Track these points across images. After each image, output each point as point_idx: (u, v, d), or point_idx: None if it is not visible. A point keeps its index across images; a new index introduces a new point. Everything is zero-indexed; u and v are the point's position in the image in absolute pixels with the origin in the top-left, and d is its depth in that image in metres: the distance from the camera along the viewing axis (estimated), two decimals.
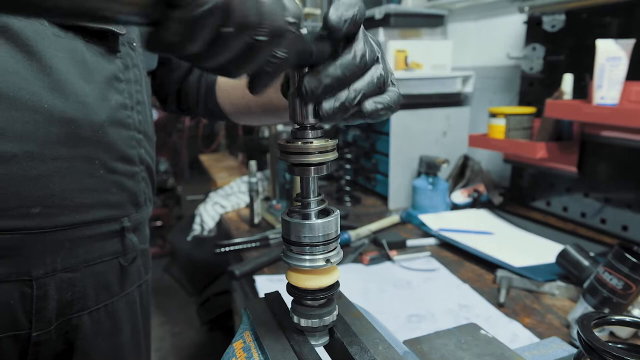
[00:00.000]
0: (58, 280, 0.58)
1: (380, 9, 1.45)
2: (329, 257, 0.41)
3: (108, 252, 0.64)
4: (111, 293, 0.65)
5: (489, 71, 1.58)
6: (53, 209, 0.55)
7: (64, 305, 0.59)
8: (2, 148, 0.50)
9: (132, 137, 0.63)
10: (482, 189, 1.43)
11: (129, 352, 0.69)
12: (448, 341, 0.55)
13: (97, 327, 0.63)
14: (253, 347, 0.43)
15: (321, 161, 0.39)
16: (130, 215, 0.65)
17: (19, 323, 0.55)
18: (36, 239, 0.54)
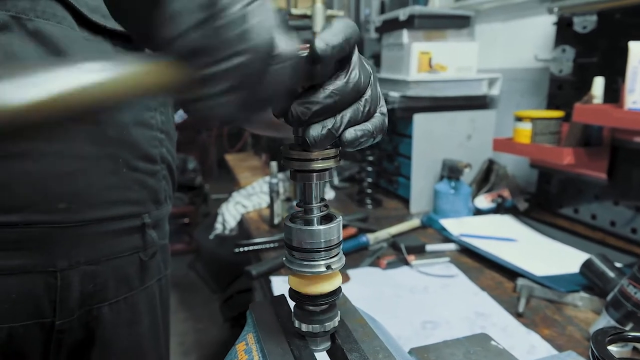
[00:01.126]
0: (81, 272, 0.60)
1: (404, 10, 1.43)
2: (330, 263, 0.41)
3: (129, 247, 0.66)
4: (131, 286, 0.67)
5: (517, 73, 1.54)
6: (78, 205, 0.57)
7: (85, 297, 0.62)
8: (32, 146, 0.52)
9: (154, 137, 0.65)
10: (507, 195, 1.40)
11: (148, 344, 0.72)
12: (456, 351, 0.54)
13: (116, 318, 0.66)
14: (254, 349, 0.43)
15: (323, 168, 0.39)
16: (150, 212, 0.67)
17: (44, 312, 0.58)
18: (61, 233, 0.57)
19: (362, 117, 0.37)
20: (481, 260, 1.11)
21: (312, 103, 0.34)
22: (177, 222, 4.04)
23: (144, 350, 0.71)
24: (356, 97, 0.36)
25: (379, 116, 0.39)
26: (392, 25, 1.53)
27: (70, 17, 0.54)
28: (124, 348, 0.67)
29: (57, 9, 0.53)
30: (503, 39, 1.60)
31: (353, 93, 0.35)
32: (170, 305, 2.17)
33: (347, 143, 0.37)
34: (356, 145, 0.37)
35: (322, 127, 0.35)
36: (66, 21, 0.54)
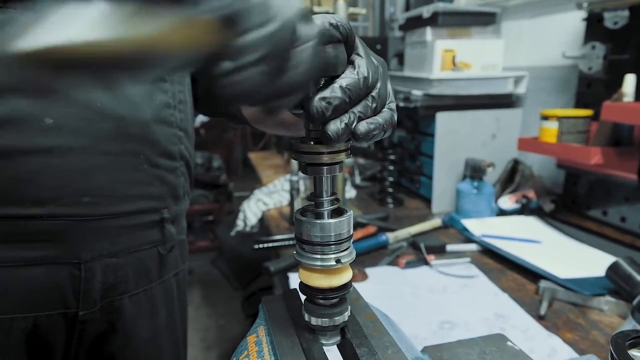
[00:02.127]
0: (103, 264, 0.62)
1: (428, 7, 1.41)
2: (340, 257, 0.41)
3: (148, 240, 0.67)
4: (150, 279, 0.69)
5: (544, 71, 1.50)
6: (101, 199, 0.59)
7: (107, 288, 0.63)
8: (60, 142, 0.54)
9: (174, 134, 0.67)
10: (532, 195, 1.36)
11: (165, 335, 0.73)
12: (471, 351, 0.53)
13: (136, 310, 0.68)
14: (265, 342, 0.44)
15: (333, 161, 0.39)
16: (169, 207, 0.69)
17: (68, 302, 0.60)
18: (85, 226, 0.59)
19: (371, 111, 0.37)
20: (503, 262, 1.09)
21: (333, 98, 0.34)
22: (202, 220, 4.11)
23: (162, 341, 0.72)
24: (367, 92, 0.37)
25: (387, 111, 0.39)
26: (415, 23, 1.52)
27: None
28: (143, 339, 0.69)
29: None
30: (530, 36, 1.56)
31: (364, 88, 0.36)
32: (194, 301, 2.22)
33: (360, 136, 0.37)
34: (368, 138, 0.38)
35: (340, 122, 0.36)
36: None
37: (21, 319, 0.56)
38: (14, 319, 0.56)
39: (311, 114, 0.35)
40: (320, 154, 0.39)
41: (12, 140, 0.51)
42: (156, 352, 0.72)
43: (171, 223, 0.69)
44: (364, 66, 0.36)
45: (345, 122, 0.36)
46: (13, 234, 0.54)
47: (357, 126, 0.37)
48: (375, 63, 0.37)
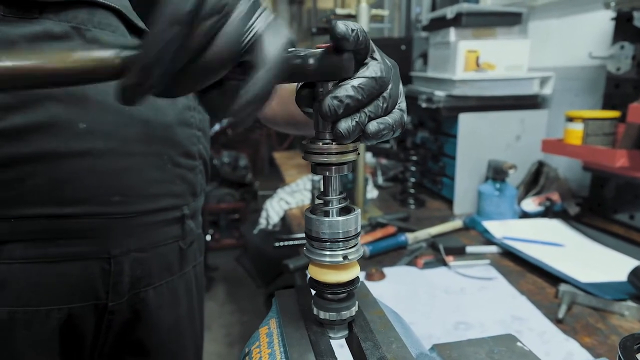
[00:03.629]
0: (131, 259, 0.66)
1: (452, 8, 1.41)
2: (347, 253, 0.43)
3: (171, 236, 0.71)
4: (171, 272, 0.72)
5: (571, 72, 1.47)
6: (129, 198, 0.63)
7: (134, 281, 0.67)
8: (92, 145, 0.58)
9: (193, 135, 0.70)
10: (556, 198, 1.34)
11: (185, 323, 0.77)
12: (480, 349, 0.54)
13: (159, 301, 0.71)
14: (275, 333, 0.46)
15: (341, 161, 0.41)
16: (189, 204, 0.72)
17: (98, 294, 0.64)
18: (115, 223, 0.62)
19: (382, 111, 0.38)
20: (523, 264, 1.08)
21: (345, 97, 0.36)
22: (228, 218, 4.18)
23: (182, 329, 0.76)
24: (380, 91, 0.38)
25: (397, 112, 0.40)
26: (439, 24, 1.51)
27: (122, 26, 0.59)
28: (165, 327, 0.72)
29: (111, 20, 0.58)
30: (558, 36, 1.54)
31: (377, 87, 0.37)
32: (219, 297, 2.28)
33: (370, 135, 0.38)
34: (378, 137, 0.39)
35: (351, 120, 0.37)
36: (119, 30, 0.59)
37: (57, 310, 0.60)
38: (50, 310, 0.60)
39: (323, 112, 0.37)
40: (328, 154, 0.40)
41: (50, 144, 0.55)
42: (178, 340, 0.75)
43: (190, 219, 0.73)
44: (377, 67, 0.37)
45: (356, 121, 0.37)
46: (52, 232, 0.58)
47: (367, 125, 0.38)
48: (388, 64, 0.39)
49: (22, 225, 0.56)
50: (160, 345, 0.72)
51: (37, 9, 0.52)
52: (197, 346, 0.82)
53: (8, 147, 0.53)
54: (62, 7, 0.53)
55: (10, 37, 0.51)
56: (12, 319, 0.57)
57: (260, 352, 0.44)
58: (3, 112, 0.52)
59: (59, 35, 0.53)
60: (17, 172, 0.54)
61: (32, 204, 0.55)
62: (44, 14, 0.52)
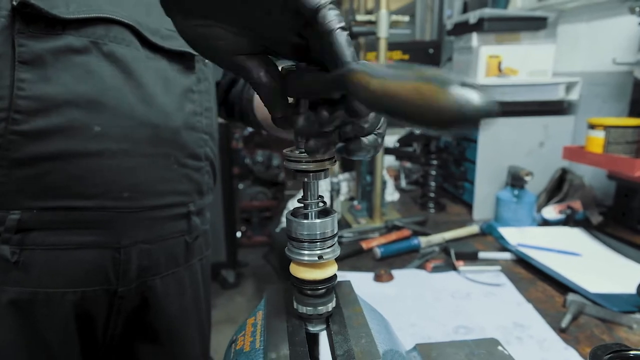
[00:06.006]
0: (139, 249, 0.72)
1: (474, 13, 1.41)
2: (323, 253, 0.46)
3: (177, 230, 0.77)
4: (177, 263, 0.78)
5: (600, 77, 1.44)
6: (138, 194, 0.69)
7: (142, 270, 0.73)
8: (106, 146, 0.64)
9: (200, 138, 0.75)
10: (578, 206, 1.32)
11: (191, 312, 0.83)
12: (460, 351, 0.56)
13: (166, 289, 0.77)
14: (259, 324, 0.50)
15: (318, 169, 0.44)
16: (195, 202, 0.78)
17: (109, 280, 0.70)
18: (125, 217, 0.69)
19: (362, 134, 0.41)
20: (535, 272, 1.08)
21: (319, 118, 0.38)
22: (260, 216, 4.28)
23: (188, 317, 0.82)
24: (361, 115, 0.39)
25: (373, 136, 0.42)
26: (462, 29, 1.52)
27: (135, 40, 0.65)
28: (172, 314, 0.78)
29: (125, 34, 0.64)
30: (586, 41, 1.50)
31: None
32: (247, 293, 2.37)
33: (349, 152, 0.41)
34: (354, 156, 0.42)
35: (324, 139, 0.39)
36: (133, 44, 0.65)
37: (72, 292, 0.67)
38: (66, 292, 0.67)
39: (296, 131, 0.40)
40: (306, 162, 0.44)
41: (68, 145, 0.62)
42: (184, 328, 0.81)
43: (196, 215, 0.78)
44: None
45: (328, 140, 0.40)
46: (69, 222, 0.65)
47: (349, 144, 0.41)
48: None
49: (43, 215, 0.62)
50: (168, 332, 0.78)
51: (60, 25, 0.58)
52: (204, 335, 0.87)
53: (32, 147, 0.60)
54: (82, 24, 0.60)
55: (36, 51, 0.57)
56: (33, 299, 0.64)
57: (244, 339, 0.49)
58: (27, 116, 0.59)
59: (79, 49, 0.60)
60: (39, 169, 0.61)
61: (52, 197, 0.62)
62: (66, 30, 0.59)
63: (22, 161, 0.60)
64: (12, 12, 0.56)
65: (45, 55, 0.58)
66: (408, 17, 1.35)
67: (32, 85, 0.58)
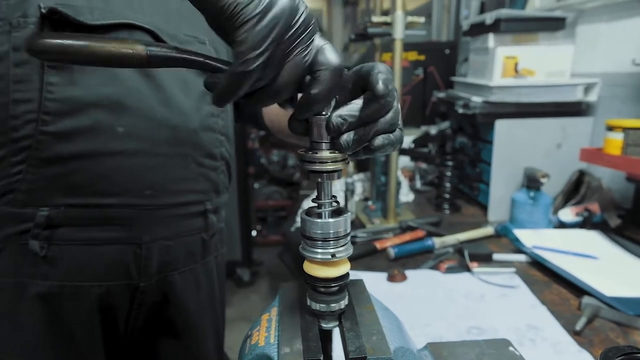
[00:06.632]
0: (159, 246, 0.74)
1: (490, 14, 1.40)
2: (336, 252, 0.47)
3: (194, 227, 0.79)
4: (195, 260, 0.81)
5: (620, 78, 1.41)
6: (159, 192, 0.71)
7: (162, 265, 0.76)
8: (129, 146, 0.67)
9: (216, 139, 0.77)
10: (595, 209, 1.30)
11: (206, 308, 0.86)
12: (471, 351, 0.57)
13: (184, 285, 0.80)
14: (274, 320, 0.51)
15: (332, 169, 0.45)
16: (211, 200, 0.80)
17: (131, 275, 0.73)
18: (146, 214, 0.71)
19: (388, 127, 0.44)
20: (551, 275, 1.07)
21: (349, 117, 0.41)
22: (275, 215, 4.31)
23: (204, 311, 0.84)
24: (386, 111, 0.43)
25: (398, 130, 0.45)
26: (479, 29, 1.51)
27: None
28: (189, 309, 0.81)
29: (146, 40, 0.67)
30: (606, 41, 1.48)
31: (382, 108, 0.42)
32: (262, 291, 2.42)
33: (374, 148, 0.44)
34: (382, 151, 0.44)
35: (354, 134, 0.42)
36: None
37: (97, 286, 0.70)
38: (91, 286, 0.70)
39: (329, 128, 0.42)
40: (320, 163, 0.45)
41: (93, 145, 0.64)
42: (200, 323, 0.83)
43: (213, 213, 0.81)
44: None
45: (359, 135, 0.42)
46: (93, 219, 0.67)
47: (373, 140, 0.43)
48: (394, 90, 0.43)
49: (70, 212, 0.65)
50: (185, 326, 0.81)
51: (86, 31, 0.61)
52: (218, 330, 0.90)
53: (59, 147, 0.62)
54: (106, 29, 0.62)
55: None
56: (61, 292, 0.67)
57: (259, 334, 0.50)
58: (55, 117, 0.61)
59: None
60: (66, 168, 0.63)
61: (78, 195, 0.65)
62: (91, 34, 0.61)
63: (51, 160, 0.62)
64: (41, 19, 0.58)
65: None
66: (424, 18, 1.35)
67: (59, 88, 0.61)
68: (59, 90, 0.61)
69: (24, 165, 0.62)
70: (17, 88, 0.59)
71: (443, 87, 2.10)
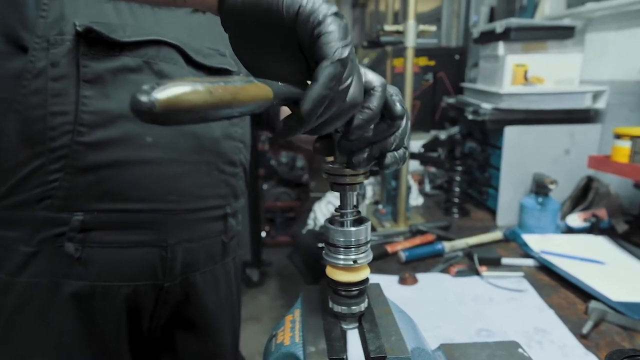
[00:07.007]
0: (183, 248, 0.78)
1: (501, 22, 1.43)
2: (357, 258, 0.51)
3: (215, 230, 0.84)
4: (214, 261, 0.86)
5: (628, 86, 1.44)
6: (183, 198, 0.75)
7: (185, 266, 0.80)
8: (156, 155, 0.71)
9: (236, 147, 0.82)
10: (602, 214, 1.32)
11: (224, 307, 0.91)
12: (482, 352, 0.60)
13: (204, 285, 0.84)
14: (298, 321, 0.55)
15: (353, 182, 0.49)
16: (231, 204, 0.85)
17: (157, 275, 0.77)
18: (171, 218, 0.75)
19: (395, 146, 0.47)
20: (558, 279, 1.10)
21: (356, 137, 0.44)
22: (284, 216, 4.35)
23: (222, 310, 0.90)
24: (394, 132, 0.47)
25: (403, 149, 0.48)
26: (489, 37, 1.54)
27: (181, 59, 0.72)
28: (209, 308, 0.86)
29: (172, 54, 0.71)
30: (615, 49, 1.50)
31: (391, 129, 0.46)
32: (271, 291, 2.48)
33: (385, 166, 0.48)
34: (390, 169, 0.48)
35: (364, 153, 0.46)
36: (178, 62, 0.72)
37: (126, 286, 0.74)
38: (121, 286, 0.74)
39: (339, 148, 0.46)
40: (343, 176, 0.49)
41: (123, 154, 0.68)
42: (218, 321, 0.89)
43: (232, 217, 0.86)
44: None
45: (367, 154, 0.46)
46: (123, 223, 0.72)
47: (384, 158, 0.47)
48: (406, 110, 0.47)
49: (101, 217, 0.69)
50: (205, 325, 0.86)
51: (118, 48, 0.65)
52: (235, 329, 0.95)
53: (93, 156, 0.67)
54: (136, 45, 0.66)
55: (97, 71, 0.64)
56: (93, 292, 0.71)
57: (284, 334, 0.54)
58: (90, 129, 0.65)
59: (134, 68, 0.66)
60: (99, 176, 0.68)
61: (110, 201, 0.69)
62: (123, 51, 0.66)
63: (85, 168, 0.67)
64: (77, 37, 0.63)
65: (105, 74, 0.65)
66: (435, 27, 1.38)
67: (93, 101, 0.65)
68: (93, 103, 0.65)
69: (61, 173, 0.66)
70: (55, 101, 0.63)
71: (452, 92, 2.12)
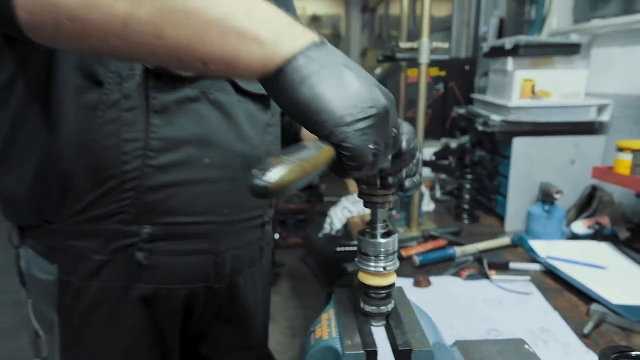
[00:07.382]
0: (231, 254, 0.89)
1: (510, 39, 1.51)
2: (386, 265, 0.60)
3: (255, 237, 0.94)
4: (253, 264, 0.96)
5: (632, 100, 1.51)
6: (233, 210, 0.85)
7: (231, 269, 0.90)
8: (212, 175, 0.80)
9: None
10: (606, 222, 1.40)
11: (259, 305, 1.01)
12: (492, 348, 0.69)
13: (245, 285, 0.95)
14: (333, 319, 0.64)
15: (383, 201, 0.58)
16: (267, 213, 0.94)
17: (210, 278, 0.87)
18: (223, 228, 0.85)
19: (412, 173, 0.58)
20: (562, 283, 1.18)
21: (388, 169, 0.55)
22: (295, 218, 4.45)
23: (257, 308, 1.00)
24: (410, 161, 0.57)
25: (418, 175, 0.60)
26: (498, 52, 1.62)
27: (231, 87, 0.81)
28: (248, 306, 0.97)
29: (224, 84, 0.80)
30: (620, 64, 1.58)
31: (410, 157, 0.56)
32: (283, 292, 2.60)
33: (406, 189, 0.59)
34: (410, 192, 0.60)
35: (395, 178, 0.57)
36: (229, 91, 0.81)
37: (182, 289, 0.84)
38: (180, 288, 0.84)
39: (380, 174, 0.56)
40: (374, 196, 0.58)
41: (185, 175, 0.78)
42: (254, 318, 0.99)
43: (268, 224, 0.95)
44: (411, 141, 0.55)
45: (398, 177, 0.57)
46: (184, 234, 0.81)
47: (404, 182, 0.58)
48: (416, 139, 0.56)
49: (166, 228, 0.78)
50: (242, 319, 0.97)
51: (181, 80, 0.74)
52: (266, 325, 1.07)
53: (159, 177, 0.76)
54: (195, 79, 0.75)
55: (164, 102, 0.73)
56: (157, 294, 0.81)
57: (322, 330, 0.63)
58: (157, 153, 0.75)
59: (193, 98, 0.76)
60: (164, 194, 0.77)
61: (173, 214, 0.78)
62: (185, 84, 0.75)
63: (153, 188, 0.76)
64: (145, 72, 0.72)
65: (170, 105, 0.74)
66: (447, 44, 1.46)
67: (160, 129, 0.74)
68: (160, 130, 0.74)
69: (132, 192, 0.75)
70: (127, 129, 0.72)
71: (463, 102, 2.20)
